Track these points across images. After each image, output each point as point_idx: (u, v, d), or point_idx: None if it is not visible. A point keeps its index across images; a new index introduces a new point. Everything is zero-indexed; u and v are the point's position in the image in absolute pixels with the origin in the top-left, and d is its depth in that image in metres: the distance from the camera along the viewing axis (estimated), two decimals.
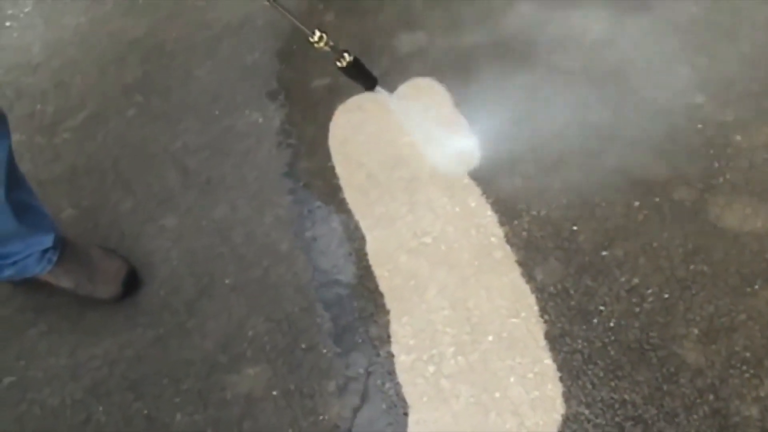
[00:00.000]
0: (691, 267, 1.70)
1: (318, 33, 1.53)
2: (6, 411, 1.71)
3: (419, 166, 2.00)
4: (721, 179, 1.82)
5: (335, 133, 2.11)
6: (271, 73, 2.27)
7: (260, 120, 2.15)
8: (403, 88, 2.17)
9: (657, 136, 1.92)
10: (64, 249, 1.82)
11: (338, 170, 2.03)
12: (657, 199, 1.82)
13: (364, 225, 1.91)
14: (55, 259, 1.80)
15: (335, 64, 1.60)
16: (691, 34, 2.10)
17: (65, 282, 1.83)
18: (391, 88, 2.17)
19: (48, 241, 1.77)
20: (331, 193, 1.99)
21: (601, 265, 1.76)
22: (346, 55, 1.59)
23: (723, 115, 1.93)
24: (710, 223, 1.76)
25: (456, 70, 2.16)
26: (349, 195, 1.98)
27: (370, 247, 1.87)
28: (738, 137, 1.89)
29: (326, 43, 1.55)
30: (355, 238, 1.89)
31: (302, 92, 2.21)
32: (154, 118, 2.15)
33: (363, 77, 1.68)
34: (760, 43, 2.05)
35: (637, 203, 1.84)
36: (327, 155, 2.06)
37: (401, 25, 2.30)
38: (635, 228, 1.78)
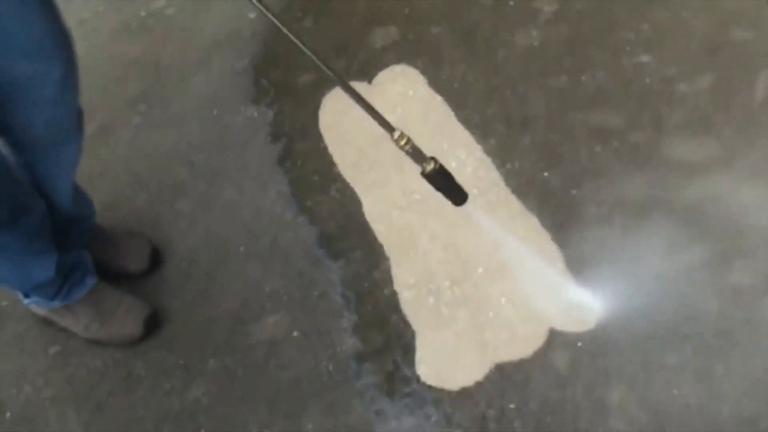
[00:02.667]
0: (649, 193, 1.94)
1: (398, 132, 1.34)
2: (56, 374, 1.90)
3: None
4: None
5: (324, 119, 2.35)
6: (261, 74, 2.51)
7: (255, 115, 2.39)
8: (381, 75, 2.41)
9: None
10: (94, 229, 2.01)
11: (330, 149, 2.26)
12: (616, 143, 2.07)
13: (358, 191, 2.14)
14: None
15: (419, 170, 1.37)
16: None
17: (95, 258, 1.99)
18: (370, 78, 2.42)
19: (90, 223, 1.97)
20: (326, 168, 2.21)
21: (572, 201, 1.99)
22: (431, 162, 1.35)
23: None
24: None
25: (426, 55, 2.41)
26: (343, 168, 2.21)
27: (366, 208, 2.10)
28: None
29: (406, 143, 1.34)
30: (352, 202, 2.11)
31: (290, 88, 2.45)
32: (159, 125, 2.37)
33: (449, 188, 1.42)
34: (695, 8, 2.33)
35: (597, 148, 2.08)
36: (319, 138, 2.29)
37: (374, 22, 2.56)
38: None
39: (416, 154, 1.35)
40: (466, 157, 2.16)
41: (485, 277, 1.90)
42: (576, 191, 1.99)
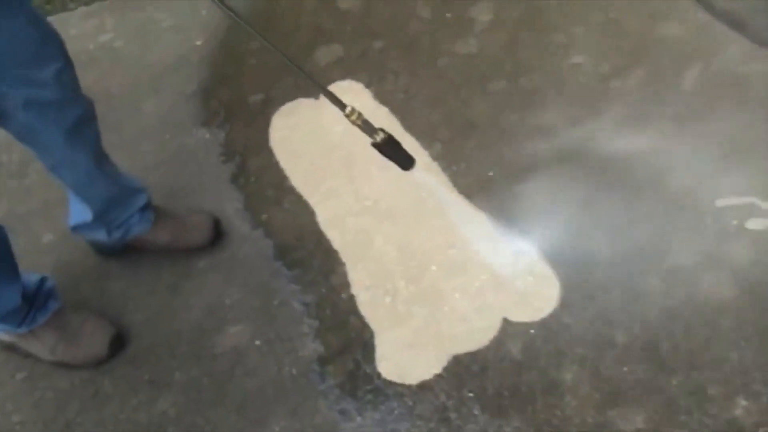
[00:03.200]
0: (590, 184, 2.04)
1: (349, 107, 1.46)
2: (24, 399, 1.92)
3: (353, 148, 2.31)
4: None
5: (274, 135, 2.41)
6: (211, 96, 2.57)
7: (207, 136, 2.44)
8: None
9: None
10: (156, 210, 2.08)
11: (282, 164, 2.33)
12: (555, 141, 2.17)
13: (312, 201, 2.21)
14: (152, 217, 2.06)
15: (370, 141, 1.51)
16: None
17: (163, 237, 2.09)
18: (316, 94, 2.49)
19: (143, 198, 2.04)
20: (280, 182, 2.28)
21: (517, 197, 2.08)
22: (380, 132, 1.49)
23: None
24: None
25: (370, 69, 2.50)
26: (296, 181, 2.27)
27: (321, 217, 2.17)
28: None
29: (358, 118, 1.46)
30: (305, 212, 2.18)
31: (241, 108, 2.51)
32: (112, 149, 2.38)
33: (398, 155, 1.56)
34: (623, 8, 2.45)
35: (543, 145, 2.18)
36: (270, 154, 2.36)
37: (318, 40, 2.64)
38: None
39: (367, 127, 1.48)
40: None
41: (439, 273, 1.98)
42: (521, 187, 2.07)
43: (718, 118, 2.16)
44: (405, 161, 1.57)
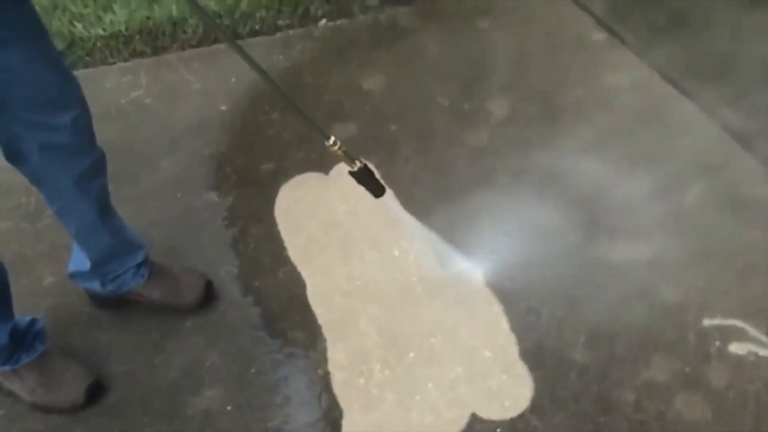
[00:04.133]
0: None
1: (333, 138, 1.64)
2: None
3: (352, 227, 2.36)
4: None
5: (280, 205, 2.48)
6: (226, 161, 2.65)
7: (215, 199, 2.51)
8: (338, 167, 2.55)
9: None
10: (152, 266, 2.13)
11: (283, 234, 2.38)
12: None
13: (304, 274, 2.25)
14: (147, 273, 2.11)
15: (348, 169, 1.73)
16: None
17: (155, 293, 2.13)
18: (327, 169, 2.56)
19: (140, 256, 2.09)
20: (277, 252, 2.33)
21: (505, 293, 2.11)
22: (357, 162, 1.71)
23: None
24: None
25: (383, 151, 2.57)
26: (292, 252, 2.32)
27: (310, 291, 2.20)
28: None
29: (339, 148, 1.66)
30: (297, 284, 2.22)
31: (252, 175, 2.59)
32: (124, 202, 2.46)
33: (371, 184, 1.79)
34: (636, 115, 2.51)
35: (533, 245, 2.21)
36: (273, 223, 2.42)
37: (336, 118, 2.72)
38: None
39: (347, 157, 1.68)
40: (408, 246, 2.28)
41: (416, 361, 2.00)
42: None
43: (718, 236, 2.18)
44: (377, 189, 1.80)
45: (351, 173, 1.72)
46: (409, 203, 2.38)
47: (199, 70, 3.11)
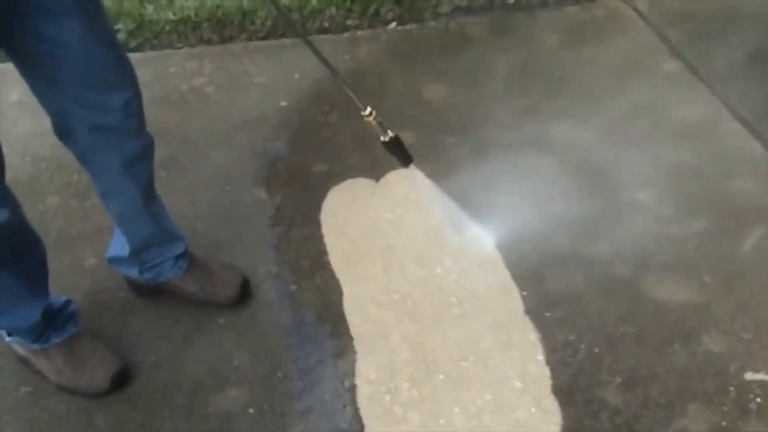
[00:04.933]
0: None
1: (369, 109, 1.74)
2: (20, 414, 1.96)
3: (396, 238, 2.32)
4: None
5: (327, 208, 2.44)
6: (278, 159, 2.63)
7: (263, 196, 2.49)
8: (390, 175, 2.52)
9: None
10: (191, 259, 2.13)
11: (326, 239, 2.35)
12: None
13: (342, 281, 2.21)
14: (185, 265, 2.11)
15: (380, 138, 1.81)
16: None
17: (191, 286, 2.13)
18: (378, 176, 2.52)
19: (180, 247, 2.09)
20: (318, 256, 2.30)
21: (544, 323, 2.05)
22: (389, 132, 1.80)
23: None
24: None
25: (437, 163, 2.52)
26: (333, 258, 2.29)
27: (346, 300, 2.16)
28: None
29: (374, 118, 1.75)
30: (334, 291, 2.19)
31: (303, 175, 2.56)
32: (174, 190, 2.48)
33: (401, 154, 1.87)
34: (696, 152, 2.41)
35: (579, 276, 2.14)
36: (318, 226, 2.39)
37: (394, 125, 2.67)
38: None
39: (381, 127, 1.78)
40: (451, 265, 2.23)
41: (445, 383, 1.94)
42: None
43: None
44: (405, 158, 1.88)
45: (383, 143, 1.81)
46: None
47: (263, 64, 3.10)
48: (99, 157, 1.81)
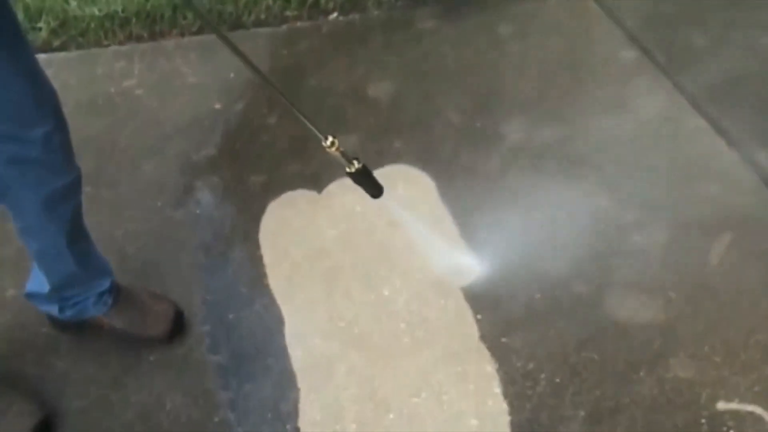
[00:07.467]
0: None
1: (330, 138, 1.53)
2: None
3: (341, 257, 2.16)
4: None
5: (266, 225, 2.28)
6: (214, 168, 2.45)
7: (197, 211, 2.32)
8: (333, 186, 2.37)
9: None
10: (118, 292, 1.95)
11: (265, 259, 2.19)
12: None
13: (284, 310, 2.06)
14: (110, 301, 1.93)
15: (345, 169, 1.60)
16: None
17: (119, 322, 1.96)
18: (320, 187, 2.37)
19: (106, 283, 1.91)
20: (257, 280, 2.14)
21: (501, 350, 1.91)
22: (355, 162, 1.59)
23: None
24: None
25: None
26: (273, 282, 2.13)
27: (288, 329, 2.01)
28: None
29: (337, 149, 1.54)
30: (275, 321, 2.03)
31: (240, 187, 2.39)
32: (101, 208, 2.30)
33: (369, 184, 1.67)
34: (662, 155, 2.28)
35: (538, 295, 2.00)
36: (256, 246, 2.22)
37: (336, 129, 2.50)
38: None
39: (345, 157, 1.57)
40: (400, 284, 2.08)
41: (395, 424, 1.81)
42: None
43: (742, 304, 1.97)
44: (375, 189, 1.68)
45: (348, 174, 1.61)
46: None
47: (196, 62, 2.91)
48: (17, 192, 1.63)
